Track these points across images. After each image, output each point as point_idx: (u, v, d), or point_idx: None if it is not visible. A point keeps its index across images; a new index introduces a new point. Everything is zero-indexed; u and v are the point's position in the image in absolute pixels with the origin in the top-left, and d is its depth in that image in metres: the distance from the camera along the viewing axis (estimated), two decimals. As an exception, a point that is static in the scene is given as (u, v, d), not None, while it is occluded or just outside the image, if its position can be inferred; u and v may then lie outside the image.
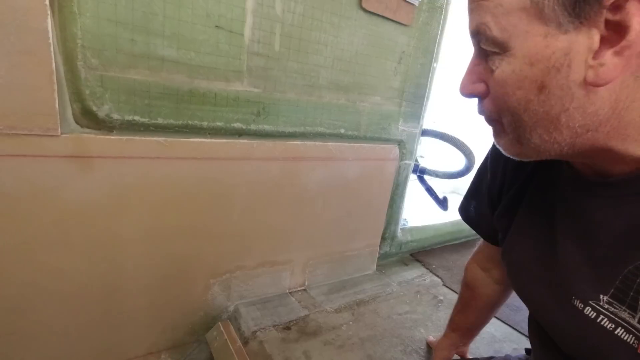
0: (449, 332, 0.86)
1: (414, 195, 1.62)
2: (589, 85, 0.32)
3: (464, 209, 0.68)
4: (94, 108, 0.69)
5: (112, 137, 0.73)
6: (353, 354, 0.90)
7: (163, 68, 0.74)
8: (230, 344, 0.90)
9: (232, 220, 0.94)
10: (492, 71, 0.36)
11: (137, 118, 0.74)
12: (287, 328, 0.96)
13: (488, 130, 0.62)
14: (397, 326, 1.04)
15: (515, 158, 0.42)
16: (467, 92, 0.40)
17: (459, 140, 1.40)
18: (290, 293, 1.13)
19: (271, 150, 0.94)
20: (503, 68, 0.35)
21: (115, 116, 0.72)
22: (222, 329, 0.95)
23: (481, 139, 1.19)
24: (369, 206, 1.23)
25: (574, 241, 0.43)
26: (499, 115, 0.39)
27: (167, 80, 0.75)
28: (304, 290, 1.16)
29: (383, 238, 1.33)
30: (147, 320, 0.90)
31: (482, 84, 0.39)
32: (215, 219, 0.91)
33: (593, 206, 0.41)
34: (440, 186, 1.63)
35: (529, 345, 0.64)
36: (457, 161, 1.48)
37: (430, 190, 1.63)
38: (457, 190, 2.75)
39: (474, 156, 1.40)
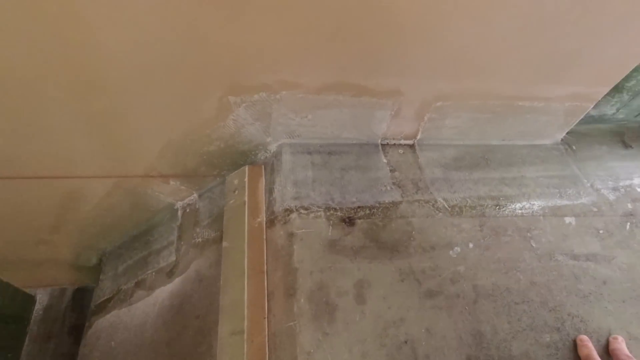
0: None
1: None
2: None
3: None
4: None
5: None
6: (453, 318, 0.47)
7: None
8: (247, 215, 0.53)
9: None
10: None
11: None
12: (350, 222, 0.52)
13: None
14: (558, 283, 0.52)
15: None
16: None
17: None
18: (383, 146, 0.63)
19: None
20: None
21: None
22: (246, 178, 0.57)
23: None
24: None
25: None
26: None
27: None
28: (411, 147, 0.64)
29: (617, 87, 0.62)
30: (149, 132, 0.55)
31: None
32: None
33: None
34: None
35: None
36: None
37: None
38: None
39: None
